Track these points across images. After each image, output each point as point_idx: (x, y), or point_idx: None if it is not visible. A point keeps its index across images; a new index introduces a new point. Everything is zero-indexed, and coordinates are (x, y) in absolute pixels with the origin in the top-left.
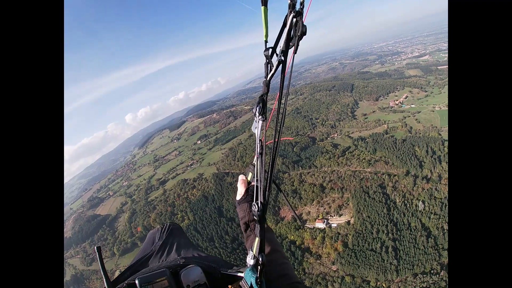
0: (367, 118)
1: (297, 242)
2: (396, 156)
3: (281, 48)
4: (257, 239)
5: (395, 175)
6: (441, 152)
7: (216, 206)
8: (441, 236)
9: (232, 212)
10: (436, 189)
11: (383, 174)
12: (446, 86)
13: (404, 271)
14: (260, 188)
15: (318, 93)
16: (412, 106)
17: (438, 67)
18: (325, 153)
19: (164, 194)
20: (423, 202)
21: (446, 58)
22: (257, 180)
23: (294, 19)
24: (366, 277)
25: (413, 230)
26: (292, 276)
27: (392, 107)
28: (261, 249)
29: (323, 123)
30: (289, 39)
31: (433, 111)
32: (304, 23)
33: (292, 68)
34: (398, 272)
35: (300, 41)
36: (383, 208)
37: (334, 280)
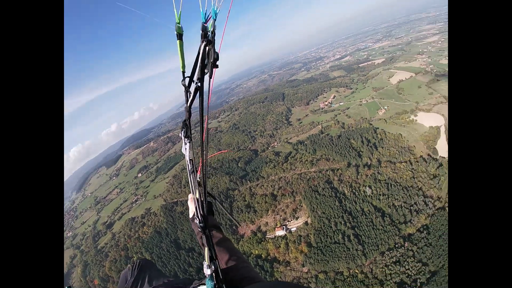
0: (301, 122)
1: (262, 255)
2: (335, 152)
3: (197, 75)
4: (206, 249)
5: (338, 169)
6: (375, 140)
7: (172, 240)
8: (394, 213)
9: (190, 242)
10: (378, 172)
11: (327, 170)
12: (369, 81)
13: (371, 253)
14: (199, 202)
15: (252, 106)
16: (340, 104)
17: (359, 65)
18: (269, 163)
19: (113, 238)
20: (370, 187)
21: (366, 56)
22: (199, 195)
23: (207, 48)
24: (338, 269)
25: (367, 214)
26: (255, 277)
27: (322, 108)
28: (211, 257)
29: (262, 134)
30: (203, 66)
31: (361, 104)
32: (217, 50)
33: (210, 91)
34: (366, 256)
35: (219, 63)
36: (335, 201)
37: (309, 281)
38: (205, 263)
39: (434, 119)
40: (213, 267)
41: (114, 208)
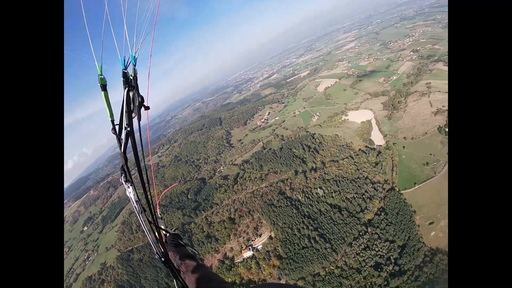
0: (242, 142)
1: (237, 281)
2: (281, 163)
3: (125, 121)
4: (174, 281)
5: (287, 179)
6: (315, 144)
7: None
8: (350, 205)
9: None
10: (325, 173)
11: (277, 182)
12: (298, 93)
13: (340, 247)
14: (157, 239)
15: (191, 135)
16: (276, 118)
17: (287, 80)
18: (219, 188)
19: None
20: (321, 188)
21: (292, 71)
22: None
23: (131, 93)
24: (314, 271)
25: (325, 213)
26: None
27: (260, 125)
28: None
29: (206, 161)
30: (130, 111)
31: (295, 116)
32: (141, 94)
33: (140, 133)
34: (336, 251)
35: (153, 103)
36: (292, 209)
37: None
38: None
39: (363, 115)
40: None
41: (66, 270)
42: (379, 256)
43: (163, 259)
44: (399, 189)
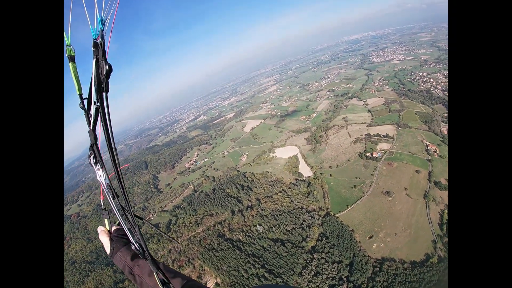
0: (171, 186)
1: None
2: (216, 205)
3: (95, 95)
4: (155, 275)
5: (225, 220)
6: (247, 183)
7: None
8: (291, 236)
9: None
10: (261, 209)
11: (215, 225)
12: (226, 134)
13: (291, 279)
14: (132, 227)
15: (114, 181)
16: (205, 160)
17: (214, 122)
18: (151, 238)
19: None
20: (260, 224)
21: (218, 113)
22: (120, 223)
23: (99, 63)
24: None
25: (269, 249)
26: None
27: (189, 168)
28: (163, 282)
29: (133, 209)
30: (100, 82)
31: (224, 156)
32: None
33: (108, 109)
34: (288, 283)
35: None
36: (235, 250)
37: None
38: None
39: (290, 151)
40: None
41: None
42: (331, 278)
43: (141, 250)
44: (334, 213)
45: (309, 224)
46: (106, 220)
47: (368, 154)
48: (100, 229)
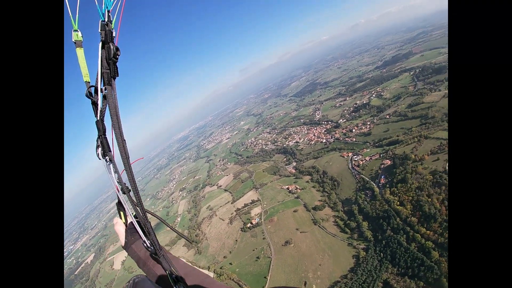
0: None
1: None
2: None
3: (104, 81)
4: (167, 272)
5: None
6: None
7: None
8: None
9: None
10: None
11: None
12: (97, 281)
13: None
14: (143, 223)
15: None
16: None
17: (75, 274)
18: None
19: None
20: None
21: (75, 262)
22: (135, 217)
23: (105, 46)
24: None
25: None
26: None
27: None
28: (175, 279)
29: None
30: (109, 69)
31: None
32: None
33: (116, 97)
34: None
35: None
36: None
37: None
38: None
39: None
40: None
41: None
42: None
43: (152, 248)
44: None
45: None
46: (121, 213)
47: (248, 224)
48: (116, 220)
